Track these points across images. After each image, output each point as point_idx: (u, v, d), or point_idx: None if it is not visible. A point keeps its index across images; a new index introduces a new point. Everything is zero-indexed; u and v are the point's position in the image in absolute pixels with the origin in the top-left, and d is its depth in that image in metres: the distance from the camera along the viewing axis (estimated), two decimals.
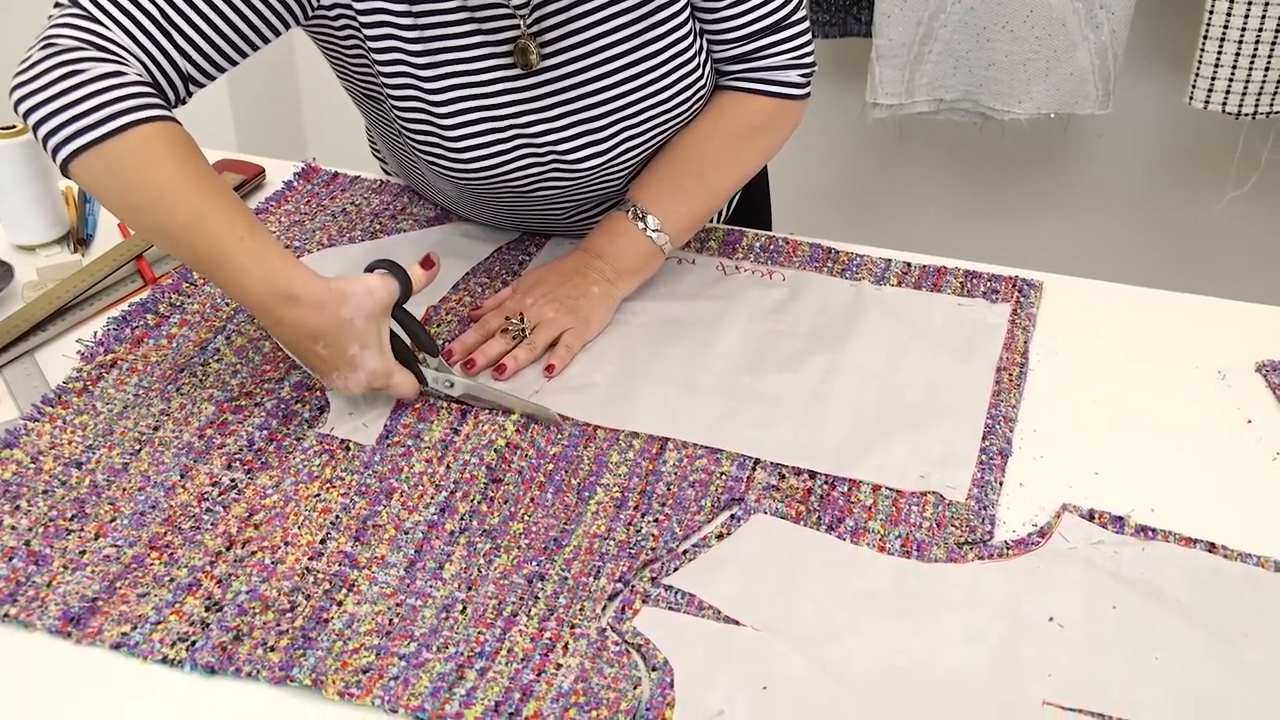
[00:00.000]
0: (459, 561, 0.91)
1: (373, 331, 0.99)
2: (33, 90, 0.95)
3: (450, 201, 1.28)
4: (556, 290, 1.14)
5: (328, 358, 0.99)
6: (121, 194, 0.96)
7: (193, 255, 0.96)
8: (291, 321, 0.96)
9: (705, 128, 1.19)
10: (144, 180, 0.95)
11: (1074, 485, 0.99)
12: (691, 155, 1.18)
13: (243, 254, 0.95)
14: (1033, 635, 0.86)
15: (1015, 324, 1.17)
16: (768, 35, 1.17)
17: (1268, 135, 1.97)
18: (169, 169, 0.95)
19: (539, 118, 1.11)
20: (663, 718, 0.79)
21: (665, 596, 0.88)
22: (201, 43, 1.00)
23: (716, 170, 1.19)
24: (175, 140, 0.96)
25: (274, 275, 0.95)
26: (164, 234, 0.97)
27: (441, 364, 1.06)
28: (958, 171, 2.27)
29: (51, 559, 0.90)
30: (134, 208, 0.96)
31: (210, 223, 0.95)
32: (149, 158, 0.95)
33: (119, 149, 0.94)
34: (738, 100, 1.20)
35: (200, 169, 0.96)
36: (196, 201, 0.95)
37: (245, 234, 0.95)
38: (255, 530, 0.93)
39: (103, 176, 0.95)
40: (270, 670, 0.82)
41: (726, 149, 1.19)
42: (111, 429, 1.03)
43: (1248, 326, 1.17)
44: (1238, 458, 1.02)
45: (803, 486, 0.98)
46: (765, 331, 1.16)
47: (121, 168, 0.94)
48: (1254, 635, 0.86)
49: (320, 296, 0.96)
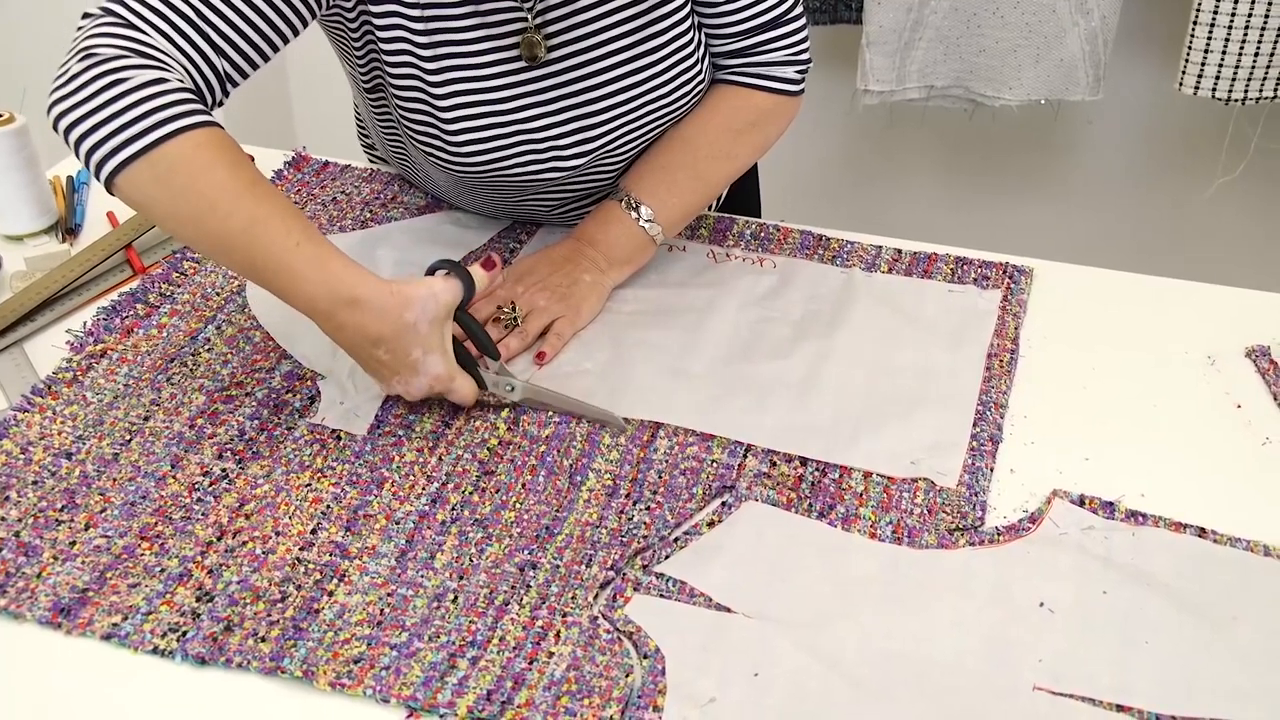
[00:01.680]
0: (450, 551, 0.91)
1: (436, 335, 0.97)
2: (76, 103, 0.92)
3: (442, 190, 1.28)
4: (548, 279, 1.14)
5: (389, 362, 0.97)
6: (172, 203, 0.92)
7: (248, 263, 0.94)
8: (353, 326, 0.95)
9: (701, 121, 1.19)
10: (197, 187, 0.92)
11: (1064, 471, 0.99)
12: (686, 148, 1.19)
13: (301, 259, 0.93)
14: (1023, 621, 0.86)
15: (1006, 310, 1.17)
16: (766, 31, 1.17)
17: (1257, 121, 1.97)
18: (222, 174, 0.92)
19: (539, 111, 1.11)
20: (654, 705, 0.79)
21: (657, 584, 0.88)
22: (238, 39, 0.98)
23: (711, 163, 1.19)
24: (224, 145, 0.93)
25: (334, 280, 0.93)
26: (217, 242, 0.93)
27: (502, 368, 1.04)
28: (948, 158, 2.27)
29: (41, 550, 0.90)
30: (186, 217, 0.93)
31: (266, 229, 0.92)
32: (201, 164, 0.92)
33: (169, 156, 0.91)
34: (734, 94, 1.20)
35: (252, 174, 0.94)
36: (251, 207, 0.92)
37: (302, 239, 0.93)
38: (246, 520, 0.93)
39: (152, 186, 0.92)
40: (261, 661, 0.82)
41: (721, 142, 1.20)
42: (101, 419, 1.02)
43: (1237, 312, 1.17)
44: (1227, 443, 1.02)
45: (794, 473, 0.98)
46: (756, 319, 1.15)
47: (173, 175, 0.91)
48: (1243, 619, 0.86)
49: (382, 300, 0.94)
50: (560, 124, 1.12)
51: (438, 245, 1.25)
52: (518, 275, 1.16)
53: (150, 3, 0.96)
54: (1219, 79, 1.80)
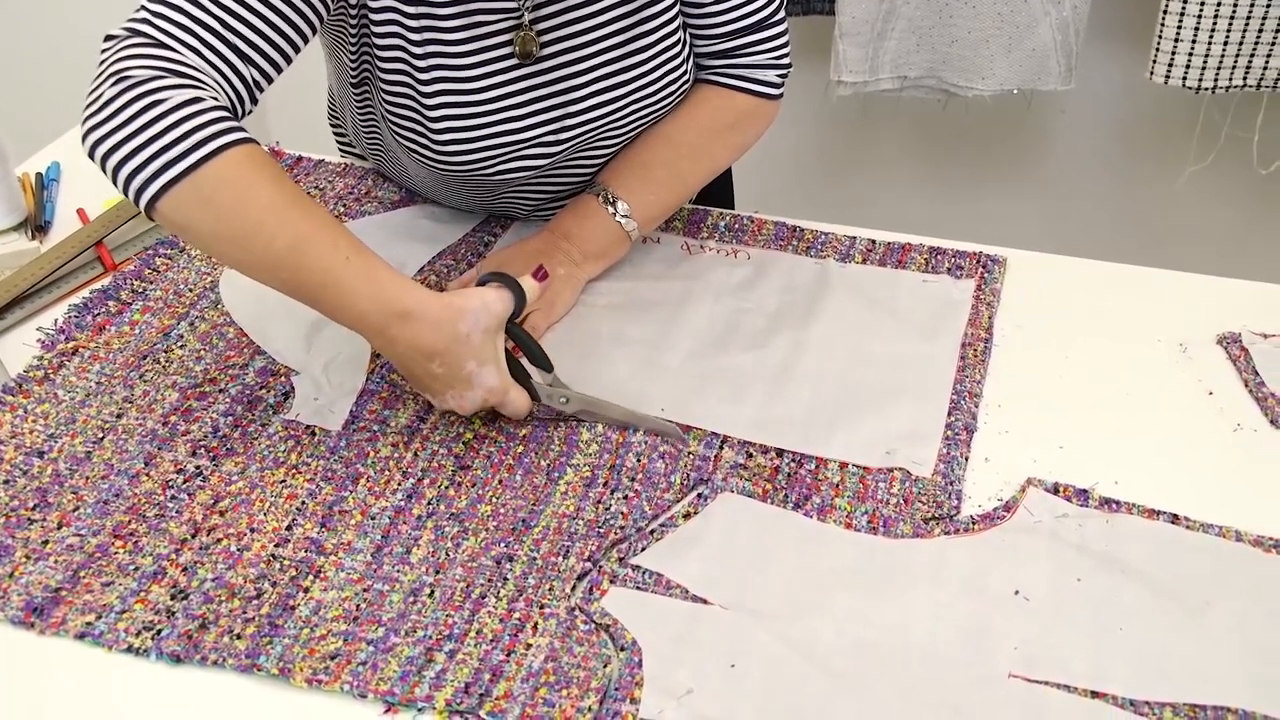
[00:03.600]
0: (426, 545, 0.91)
1: (490, 347, 0.96)
2: (113, 128, 0.89)
3: (419, 185, 1.27)
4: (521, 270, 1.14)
5: (443, 376, 0.95)
6: (217, 222, 0.90)
7: (294, 280, 0.92)
8: (406, 340, 0.93)
9: (682, 120, 1.20)
10: (242, 205, 0.89)
11: (1039, 459, 1.00)
12: (666, 145, 1.19)
13: (350, 274, 0.91)
14: (998, 609, 0.86)
15: (980, 300, 1.17)
16: (750, 33, 1.18)
17: (1227, 109, 1.98)
18: (266, 192, 0.90)
19: (524, 111, 1.11)
20: (631, 697, 0.79)
21: (633, 576, 0.88)
22: (264, 45, 0.96)
23: (689, 162, 1.20)
24: (265, 162, 0.91)
25: (385, 294, 0.92)
26: (263, 260, 0.91)
27: (556, 379, 1.02)
28: (922, 149, 2.28)
29: (14, 549, 0.90)
30: (230, 236, 0.90)
31: (314, 245, 0.90)
32: (245, 182, 0.89)
33: (212, 175, 0.88)
34: (715, 95, 1.20)
35: (295, 190, 0.92)
36: (297, 223, 0.90)
37: (350, 253, 0.91)
38: (221, 517, 0.93)
39: (196, 207, 0.89)
40: (237, 658, 0.82)
41: (700, 142, 1.20)
42: (74, 417, 1.02)
43: (1208, 300, 1.18)
44: (1200, 430, 1.03)
45: (770, 464, 0.98)
46: (731, 310, 1.16)
47: (217, 194, 0.89)
48: (1216, 604, 0.87)
49: (435, 312, 0.93)
50: (544, 122, 1.12)
51: (413, 240, 1.24)
52: (493, 268, 1.15)
53: (176, 19, 0.94)
54: (1189, 68, 1.81)
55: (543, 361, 1.01)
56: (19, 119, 1.95)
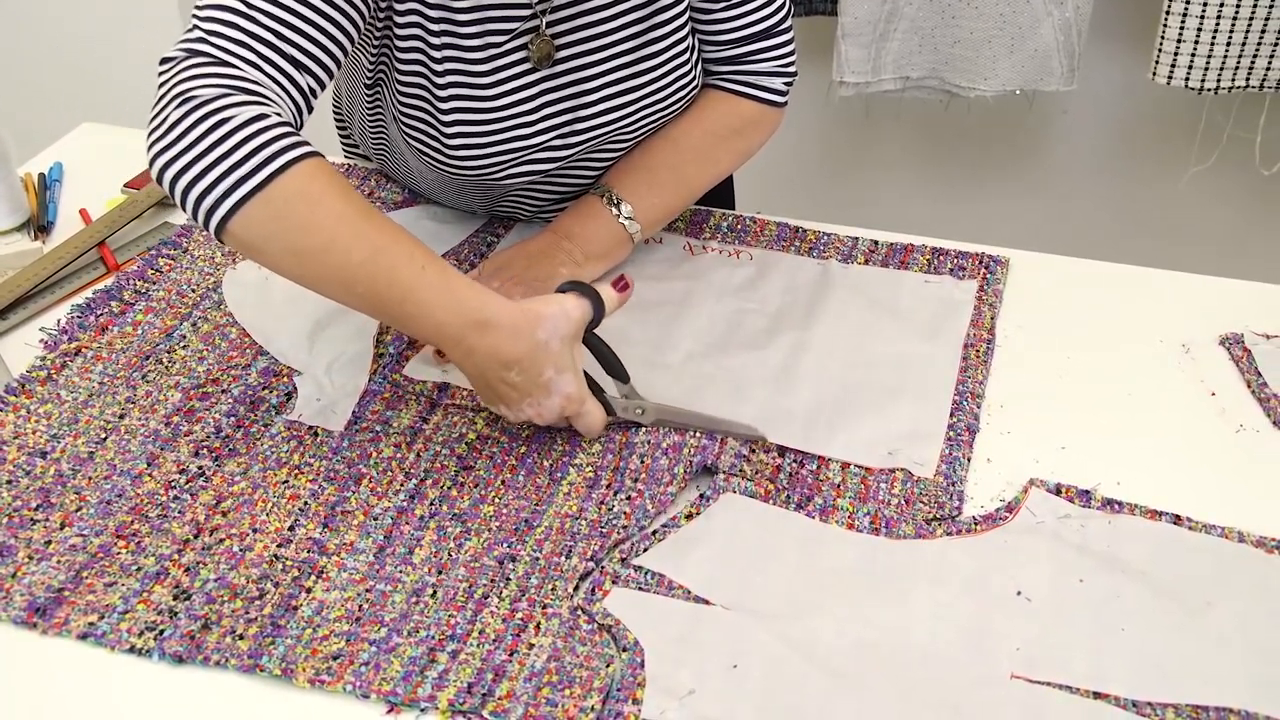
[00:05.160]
0: (429, 546, 0.91)
1: (568, 355, 0.95)
2: (181, 150, 0.87)
3: (423, 186, 1.28)
4: (525, 273, 1.14)
5: (520, 384, 0.94)
6: (290, 239, 0.88)
7: (370, 294, 0.90)
8: (485, 350, 0.92)
9: (687, 124, 1.20)
10: (314, 220, 0.88)
11: (1040, 460, 1.00)
12: (671, 149, 1.19)
13: (426, 285, 0.90)
14: (1000, 609, 0.86)
15: (982, 300, 1.17)
16: (758, 40, 1.18)
17: (1230, 110, 1.98)
18: (337, 205, 0.89)
19: (536, 116, 1.10)
20: (634, 698, 0.79)
21: (635, 577, 0.88)
22: (316, 51, 0.96)
23: (693, 166, 1.20)
24: (333, 176, 0.90)
25: (463, 304, 0.91)
26: (338, 275, 0.89)
27: (631, 390, 1.01)
28: (924, 149, 2.28)
29: (16, 549, 0.90)
30: (304, 251, 0.89)
31: (389, 256, 0.89)
32: (316, 196, 0.88)
33: (283, 191, 0.87)
34: (721, 100, 1.21)
35: (364, 203, 0.91)
36: (371, 236, 0.89)
37: (426, 264, 0.90)
38: (223, 518, 0.93)
39: (268, 225, 0.88)
40: (239, 659, 0.82)
41: (705, 147, 1.20)
42: (76, 417, 1.02)
43: (1211, 300, 1.18)
44: (1202, 431, 1.03)
45: (772, 464, 0.98)
46: (733, 310, 1.16)
47: (289, 210, 0.88)
48: (1218, 605, 0.87)
49: (514, 320, 0.92)
50: (554, 126, 1.12)
51: None
52: (493, 270, 1.15)
53: (232, 35, 0.93)
54: (1191, 69, 1.81)
55: (619, 372, 1.00)
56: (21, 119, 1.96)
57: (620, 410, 1.00)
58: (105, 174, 1.35)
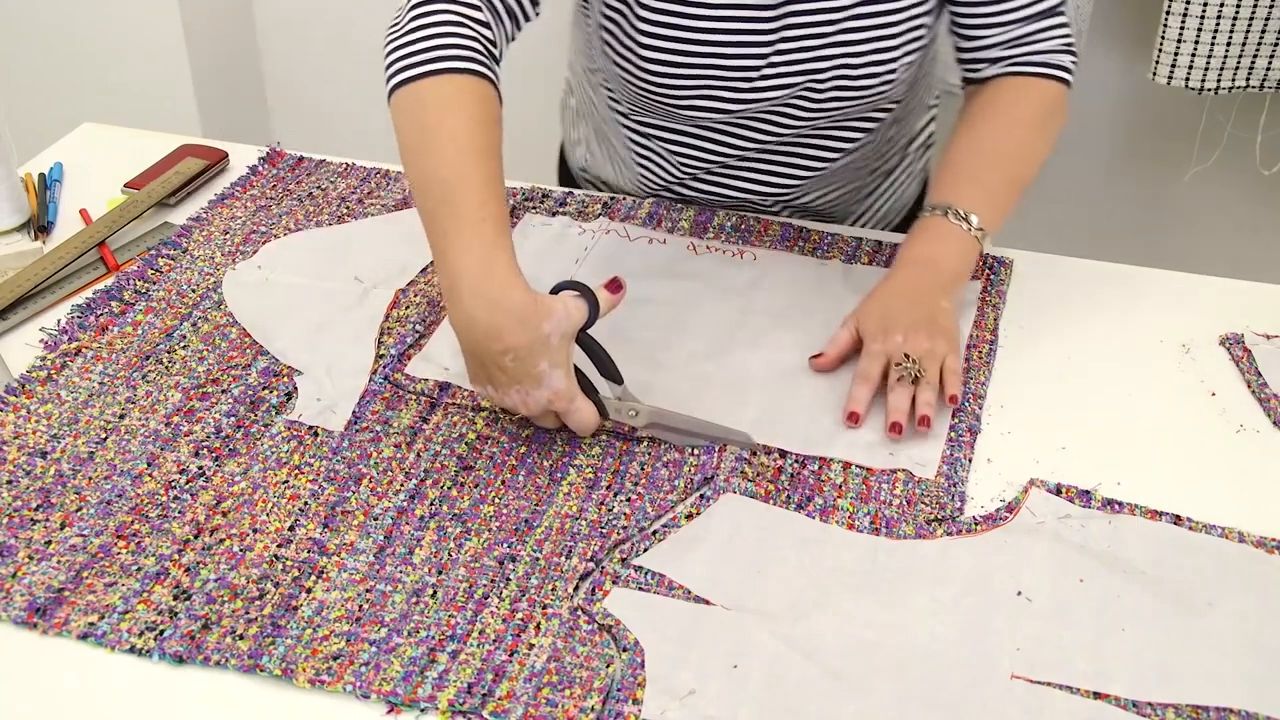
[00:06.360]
0: (429, 546, 0.91)
1: (564, 352, 0.95)
2: (397, 22, 1.04)
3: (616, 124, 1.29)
4: (916, 316, 1.07)
5: (512, 371, 0.94)
6: (411, 132, 0.98)
7: (430, 212, 0.96)
8: (486, 326, 0.92)
9: (1001, 122, 1.18)
10: (435, 124, 0.97)
11: (1041, 460, 1.00)
12: (992, 152, 1.17)
13: (476, 235, 0.93)
14: (1001, 609, 0.86)
15: (985, 301, 1.17)
16: (1042, 19, 1.17)
17: (1230, 110, 1.98)
18: (460, 123, 0.97)
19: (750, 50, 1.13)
20: (634, 698, 0.79)
21: (635, 577, 0.88)
22: None
23: (1019, 164, 1.18)
24: (480, 100, 0.99)
25: (491, 274, 0.92)
26: (421, 178, 0.97)
27: (625, 392, 1.00)
28: None
29: (17, 550, 0.90)
30: (412, 148, 0.98)
31: (466, 189, 0.94)
32: (449, 107, 0.98)
33: (429, 89, 0.98)
34: (1022, 85, 1.19)
35: (486, 137, 0.97)
36: (467, 165, 0.95)
37: (490, 218, 0.94)
38: (223, 518, 0.93)
39: (405, 113, 0.99)
40: (239, 659, 0.82)
41: (1024, 140, 1.18)
42: (76, 418, 1.02)
43: (1211, 300, 1.18)
44: (1203, 431, 1.03)
45: (773, 465, 0.98)
46: (736, 310, 1.16)
47: (421, 109, 0.98)
48: (1219, 605, 0.87)
49: (524, 309, 0.92)
50: (751, 57, 1.13)
51: (415, 242, 1.24)
52: (883, 325, 1.07)
53: None
54: (1191, 69, 1.81)
55: (613, 373, 1.00)
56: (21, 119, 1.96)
57: (614, 412, 1.00)
58: (105, 174, 1.35)
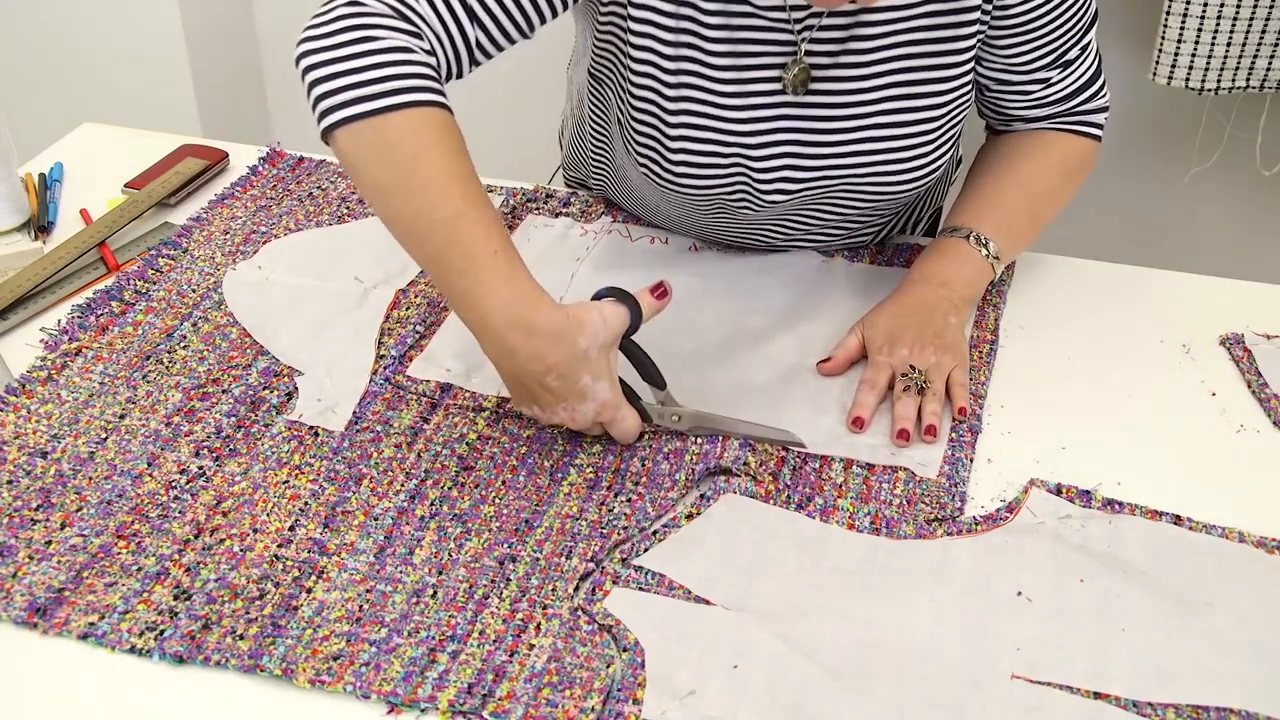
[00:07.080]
0: (429, 546, 0.91)
1: (604, 362, 0.94)
2: (324, 46, 0.93)
3: (643, 205, 1.25)
4: (923, 331, 1.08)
5: (557, 389, 0.93)
6: (383, 173, 0.91)
7: (438, 255, 0.91)
8: (527, 352, 0.91)
9: (1037, 163, 1.19)
10: (414, 164, 0.91)
11: (1041, 460, 1.00)
12: (1025, 191, 1.18)
13: (493, 268, 0.90)
14: (1001, 609, 0.86)
15: (986, 301, 1.17)
16: (1085, 89, 1.18)
17: (1230, 110, 1.98)
18: (440, 160, 0.91)
19: (767, 140, 1.09)
20: (634, 698, 0.79)
21: (635, 577, 0.88)
22: (497, 11, 0.99)
23: (1046, 205, 1.19)
24: (448, 130, 0.92)
25: (519, 301, 0.90)
26: (416, 224, 0.92)
27: (668, 397, 1.00)
28: None
29: (17, 550, 0.90)
30: (393, 190, 0.92)
31: (468, 225, 0.90)
32: (423, 143, 0.91)
33: (395, 126, 0.91)
34: (1062, 139, 1.20)
35: (467, 167, 0.93)
36: (460, 201, 0.91)
37: (500, 248, 0.91)
38: (224, 518, 0.93)
39: (369, 150, 0.92)
40: (240, 659, 0.82)
41: (1056, 185, 1.20)
42: (77, 418, 1.02)
43: (1211, 301, 1.18)
44: (1203, 431, 1.03)
45: (776, 454, 0.98)
46: (737, 309, 1.16)
47: (395, 146, 0.91)
48: (1219, 605, 0.87)
49: (559, 327, 0.91)
50: (783, 155, 1.09)
51: None
52: (890, 337, 1.08)
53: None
54: (1191, 69, 1.81)
55: (656, 378, 1.00)
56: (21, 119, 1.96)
57: (656, 417, 1.00)
58: (105, 174, 1.35)
